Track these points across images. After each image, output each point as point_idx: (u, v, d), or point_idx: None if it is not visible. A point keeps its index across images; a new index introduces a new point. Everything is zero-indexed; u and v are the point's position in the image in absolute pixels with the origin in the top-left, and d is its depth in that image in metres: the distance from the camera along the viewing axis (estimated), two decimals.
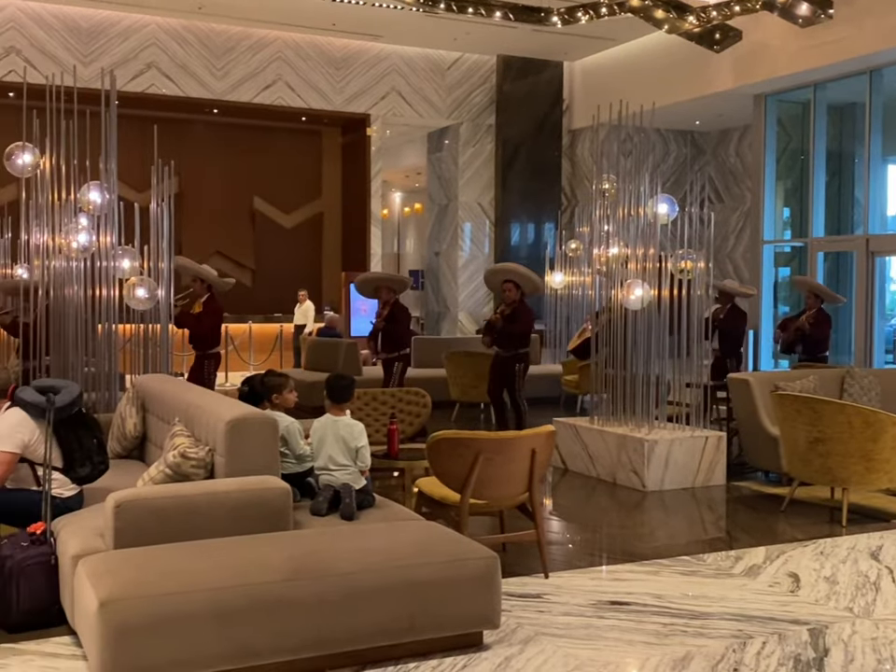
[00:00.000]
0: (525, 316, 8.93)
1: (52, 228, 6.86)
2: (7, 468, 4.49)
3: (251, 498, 4.15)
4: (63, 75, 6.65)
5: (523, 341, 8.93)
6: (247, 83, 15.61)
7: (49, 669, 3.74)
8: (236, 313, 15.15)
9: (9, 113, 13.72)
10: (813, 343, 9.46)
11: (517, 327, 8.80)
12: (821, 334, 9.48)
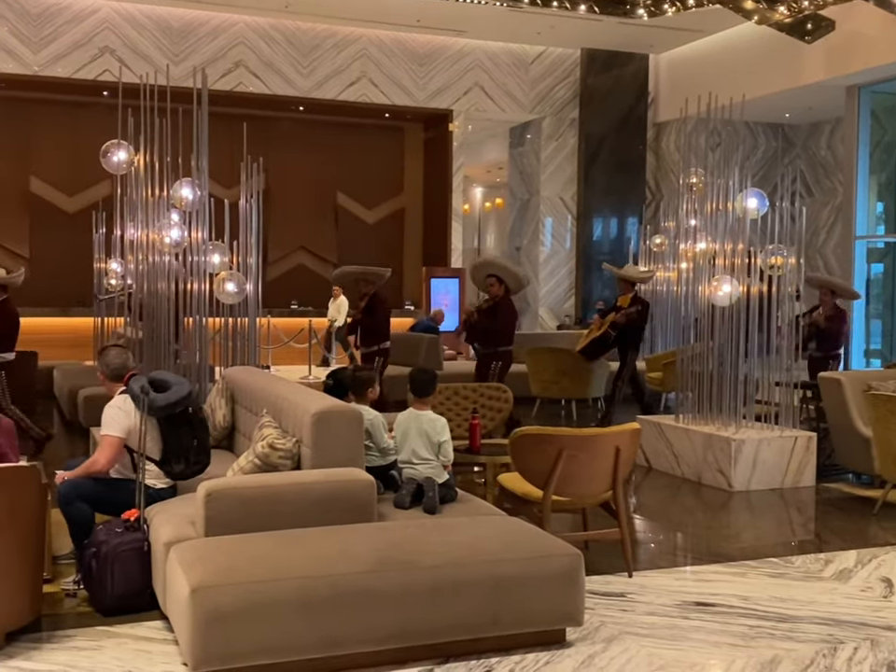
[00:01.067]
0: (506, 313, 8.68)
1: (146, 224, 7.05)
2: (115, 451, 4.64)
3: (337, 490, 4.20)
4: (156, 74, 6.82)
5: (503, 338, 8.66)
6: (332, 80, 15.79)
7: (142, 652, 3.86)
8: (319, 307, 15.38)
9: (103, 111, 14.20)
10: (827, 338, 9.22)
11: (495, 323, 8.54)
12: (836, 330, 9.24)
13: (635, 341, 9.68)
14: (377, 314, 9.16)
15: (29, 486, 3.95)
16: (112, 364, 4.86)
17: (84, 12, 14.48)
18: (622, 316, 9.41)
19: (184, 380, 4.94)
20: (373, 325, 9.17)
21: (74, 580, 4.45)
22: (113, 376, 4.85)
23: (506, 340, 8.70)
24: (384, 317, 9.27)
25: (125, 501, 4.54)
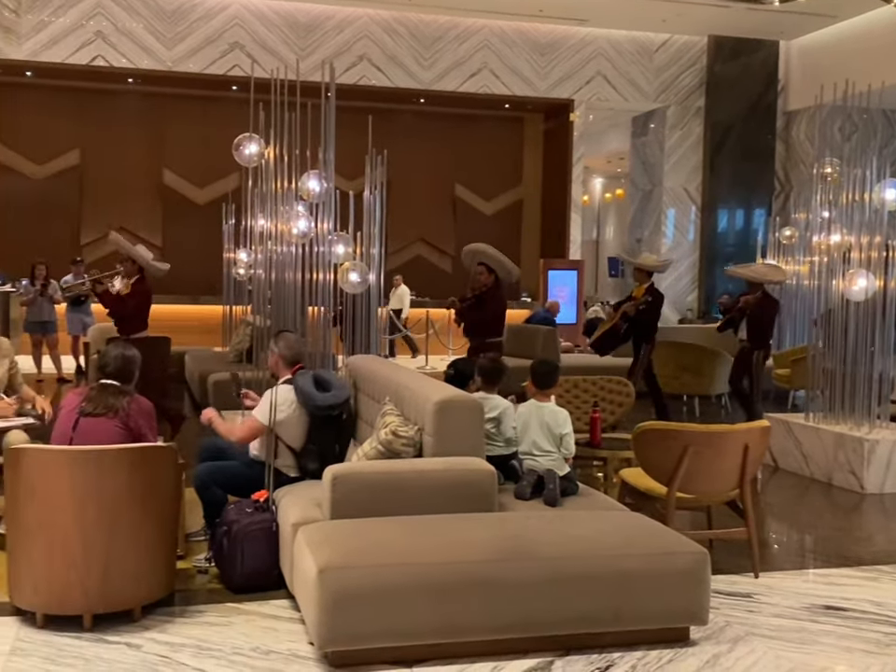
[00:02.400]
0: (493, 303, 8.26)
1: (274, 215, 7.23)
2: (252, 434, 4.84)
3: (458, 478, 4.23)
4: (286, 69, 6.98)
5: (490, 329, 8.27)
6: (453, 72, 15.86)
7: (270, 630, 3.98)
8: (437, 298, 15.48)
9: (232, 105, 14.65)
10: None
11: (481, 314, 8.19)
12: None
13: (647, 334, 9.13)
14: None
15: (166, 465, 4.12)
16: (293, 349, 5.05)
17: (215, 9, 14.95)
18: (631, 307, 8.99)
19: (345, 384, 5.09)
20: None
21: (205, 557, 4.62)
22: (288, 362, 5.01)
23: (494, 331, 8.33)
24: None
25: (256, 485, 4.68)
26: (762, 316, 8.96)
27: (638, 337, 9.15)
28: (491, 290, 8.20)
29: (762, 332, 9.03)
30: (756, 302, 8.92)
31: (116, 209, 16.32)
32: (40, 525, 3.85)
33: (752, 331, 9.03)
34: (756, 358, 8.93)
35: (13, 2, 14.19)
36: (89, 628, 3.87)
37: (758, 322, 8.99)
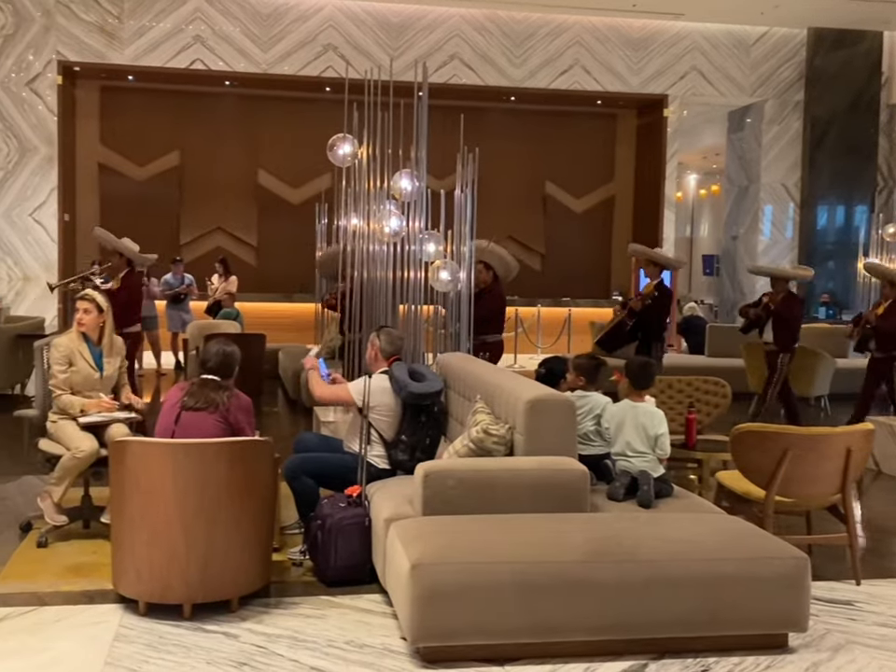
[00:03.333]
0: (491, 301, 8.09)
1: (366, 214, 7.31)
2: (335, 399, 5.15)
3: (550, 478, 4.21)
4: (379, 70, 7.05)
5: (490, 327, 8.12)
6: (545, 69, 15.77)
7: (362, 623, 4.03)
8: (526, 296, 15.45)
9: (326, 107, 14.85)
10: (884, 337, 8.42)
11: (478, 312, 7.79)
12: (892, 327, 8.37)
13: (656, 331, 8.74)
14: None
15: (264, 459, 4.21)
16: (393, 344, 5.17)
17: (309, 11, 15.18)
18: (636, 302, 8.66)
19: (438, 377, 5.16)
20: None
21: (300, 550, 4.70)
22: (385, 354, 5.11)
23: (493, 328, 8.22)
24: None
25: (347, 478, 4.75)
26: (787, 317, 8.62)
27: (647, 335, 8.75)
28: (489, 288, 8.13)
29: (788, 334, 8.69)
30: (782, 302, 8.62)
31: (213, 209, 16.74)
32: (143, 516, 3.98)
33: (778, 333, 8.71)
34: (781, 362, 8.63)
35: (116, 8, 14.67)
36: (188, 617, 3.98)
37: (783, 323, 8.65)
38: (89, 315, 5.26)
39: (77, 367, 5.17)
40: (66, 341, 5.22)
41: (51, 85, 14.64)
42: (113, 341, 5.40)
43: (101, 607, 4.13)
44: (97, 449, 4.99)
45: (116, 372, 5.36)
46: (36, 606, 4.13)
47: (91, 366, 5.23)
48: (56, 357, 5.15)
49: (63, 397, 5.12)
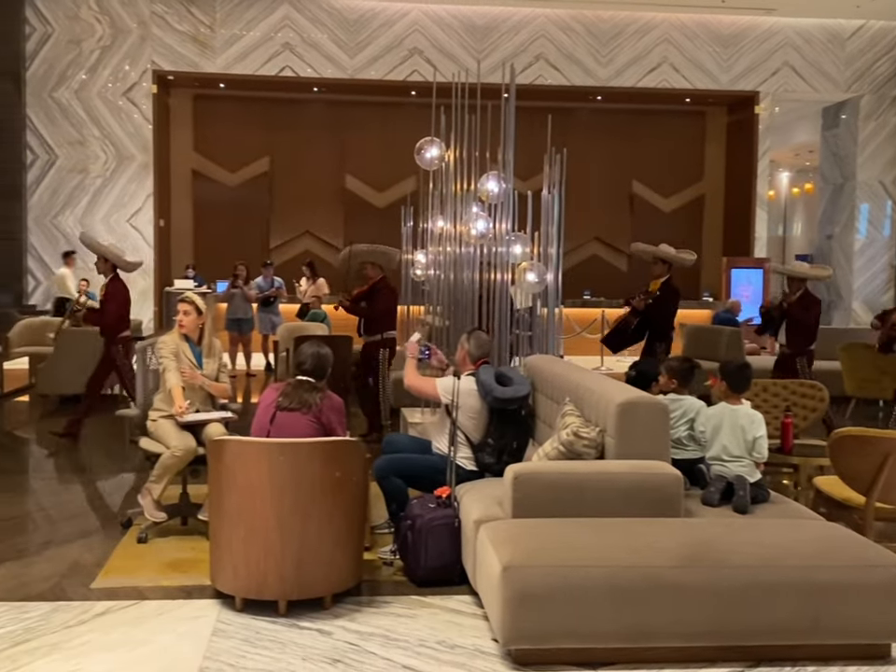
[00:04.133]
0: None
1: (453, 216, 7.34)
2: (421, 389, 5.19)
3: (642, 482, 4.16)
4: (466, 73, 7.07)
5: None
6: (632, 68, 15.62)
7: (454, 624, 4.04)
8: (612, 297, 15.29)
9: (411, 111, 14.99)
10: None
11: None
12: None
13: (660, 331, 8.41)
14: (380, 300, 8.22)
15: (355, 459, 4.27)
16: (482, 348, 5.19)
17: (395, 16, 15.33)
18: (640, 301, 8.42)
19: (526, 381, 5.14)
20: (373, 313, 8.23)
21: (390, 549, 4.75)
22: (473, 358, 5.14)
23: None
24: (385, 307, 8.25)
25: (435, 478, 4.78)
26: (801, 318, 8.31)
27: (652, 334, 8.51)
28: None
29: (804, 336, 8.38)
30: (797, 303, 8.30)
31: (301, 213, 17.03)
32: (240, 513, 4.07)
33: (793, 335, 8.40)
34: (799, 365, 8.33)
35: (208, 18, 15.05)
36: (283, 613, 4.06)
37: (799, 324, 8.35)
38: (188, 317, 5.42)
39: (182, 364, 5.33)
40: (170, 339, 5.40)
41: (147, 94, 15.11)
42: (212, 342, 5.54)
43: (199, 602, 4.24)
44: (195, 447, 5.13)
45: (215, 373, 5.50)
46: (138, 600, 4.26)
47: (193, 365, 5.38)
48: (164, 352, 5.33)
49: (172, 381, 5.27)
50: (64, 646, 3.75)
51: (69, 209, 15.00)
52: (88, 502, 6.28)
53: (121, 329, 8.02)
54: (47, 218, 14.97)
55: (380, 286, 8.23)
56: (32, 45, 14.70)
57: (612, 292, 15.48)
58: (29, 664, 3.59)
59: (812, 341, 8.43)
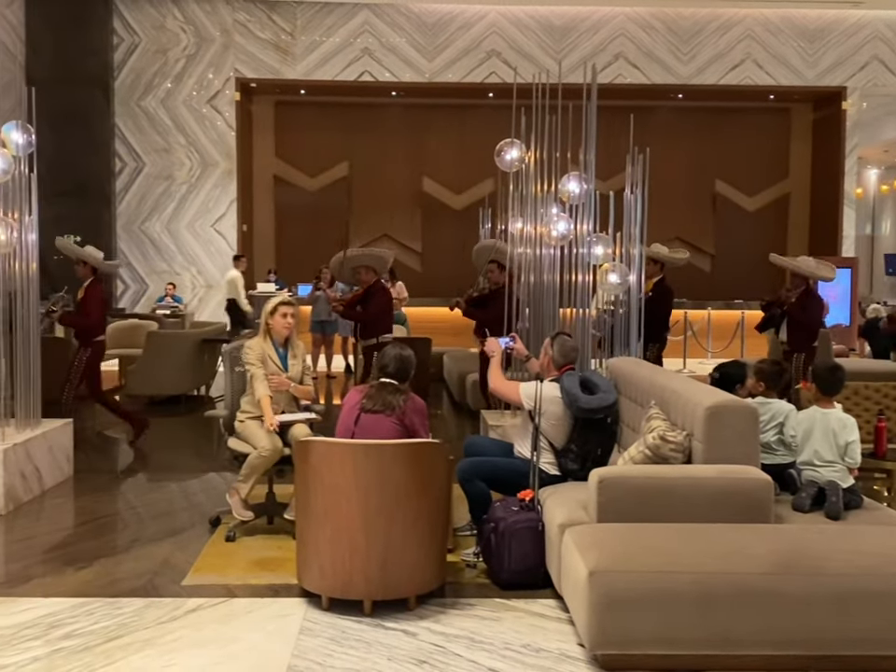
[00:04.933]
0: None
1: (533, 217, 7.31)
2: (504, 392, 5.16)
3: (731, 487, 4.09)
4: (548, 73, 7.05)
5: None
6: (714, 65, 15.37)
7: (538, 628, 4.02)
8: (695, 299, 15.05)
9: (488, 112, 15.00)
10: None
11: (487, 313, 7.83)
12: None
13: (654, 332, 8.07)
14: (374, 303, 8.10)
15: (438, 461, 4.28)
16: (566, 356, 5.10)
17: (473, 18, 15.36)
18: None
19: (612, 388, 5.07)
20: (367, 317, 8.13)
21: (473, 552, 4.74)
22: (558, 365, 5.09)
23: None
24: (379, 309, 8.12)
25: (518, 482, 4.76)
26: (800, 318, 8.06)
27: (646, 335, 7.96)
28: (502, 290, 7.80)
29: (803, 334, 8.11)
30: (797, 300, 8.05)
31: (380, 217, 17.19)
32: (326, 513, 4.12)
33: (793, 333, 8.14)
34: (796, 364, 8.01)
35: (289, 25, 15.30)
36: (369, 613, 4.09)
37: (799, 322, 8.09)
38: (293, 320, 5.51)
39: (268, 369, 5.42)
40: (256, 343, 5.48)
41: (230, 101, 15.43)
42: (297, 343, 5.63)
43: (286, 600, 4.30)
44: (281, 448, 5.21)
45: (300, 375, 5.57)
46: (227, 597, 4.34)
47: (278, 366, 5.47)
48: (251, 356, 5.42)
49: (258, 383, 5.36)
50: (157, 642, 3.84)
51: (156, 215, 15.41)
52: (176, 501, 6.43)
53: (98, 332, 7.98)
54: (135, 224, 15.40)
55: (374, 289, 8.15)
56: (120, 55, 15.14)
57: (695, 293, 15.23)
58: (123, 658, 3.69)
59: (813, 339, 8.22)
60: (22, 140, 6.28)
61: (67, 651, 3.73)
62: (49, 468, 6.41)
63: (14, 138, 6.23)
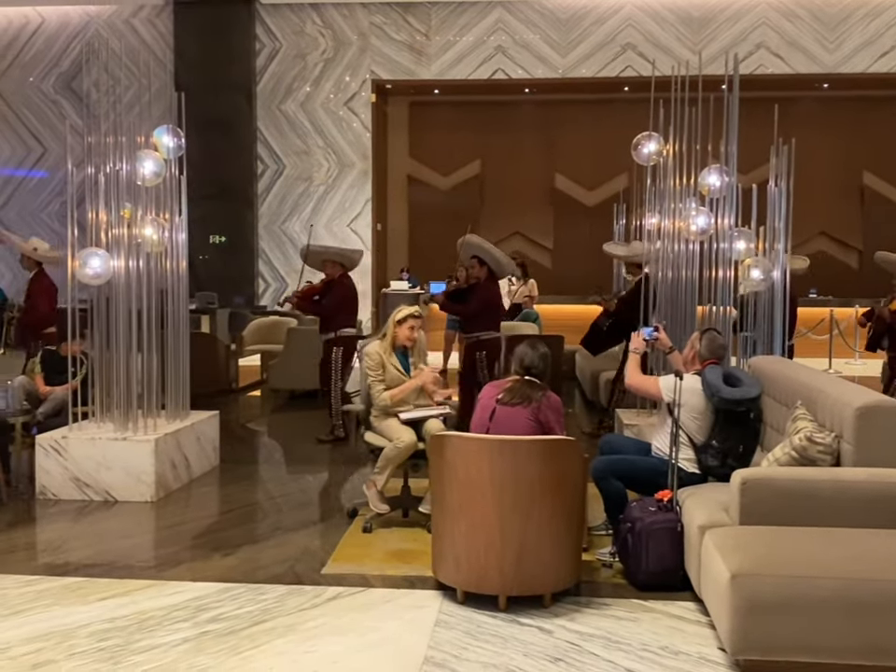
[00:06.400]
0: (481, 296, 7.93)
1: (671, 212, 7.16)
2: (644, 388, 5.09)
3: (883, 491, 3.91)
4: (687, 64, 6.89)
5: (481, 324, 7.82)
6: (861, 52, 14.66)
7: (676, 630, 3.94)
8: (841, 296, 14.43)
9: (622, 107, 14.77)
10: None
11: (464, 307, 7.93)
12: None
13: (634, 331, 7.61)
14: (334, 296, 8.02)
15: (573, 458, 4.24)
16: (714, 351, 5.01)
17: (608, 12, 15.15)
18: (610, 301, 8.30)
19: (756, 382, 4.95)
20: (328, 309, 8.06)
21: (609, 551, 4.69)
22: (703, 358, 5.00)
23: (486, 326, 7.81)
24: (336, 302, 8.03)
25: (655, 481, 4.68)
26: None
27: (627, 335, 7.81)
28: (480, 284, 7.99)
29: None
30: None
31: (511, 214, 17.19)
32: (461, 507, 4.14)
33: None
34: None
35: (424, 26, 15.46)
36: (504, 609, 4.10)
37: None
38: (417, 335, 5.59)
39: (388, 374, 5.48)
40: (375, 351, 5.53)
41: (365, 103, 15.72)
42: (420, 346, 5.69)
43: (421, 592, 4.36)
44: (416, 441, 5.28)
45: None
46: (365, 587, 4.43)
47: (400, 371, 5.53)
48: (370, 364, 5.50)
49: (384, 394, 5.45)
50: (299, 628, 3.96)
51: (295, 215, 15.85)
52: (313, 492, 6.62)
53: (47, 325, 7.89)
54: (275, 225, 15.88)
55: (336, 282, 8.12)
56: (262, 60, 15.64)
57: (841, 290, 14.61)
58: (267, 643, 3.81)
59: None
60: (173, 144, 6.57)
61: (214, 634, 3.88)
62: (196, 457, 6.69)
63: (165, 142, 6.53)
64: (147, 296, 6.41)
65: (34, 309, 7.86)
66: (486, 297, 8.04)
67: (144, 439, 6.06)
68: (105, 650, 3.72)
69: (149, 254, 6.45)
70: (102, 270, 6.12)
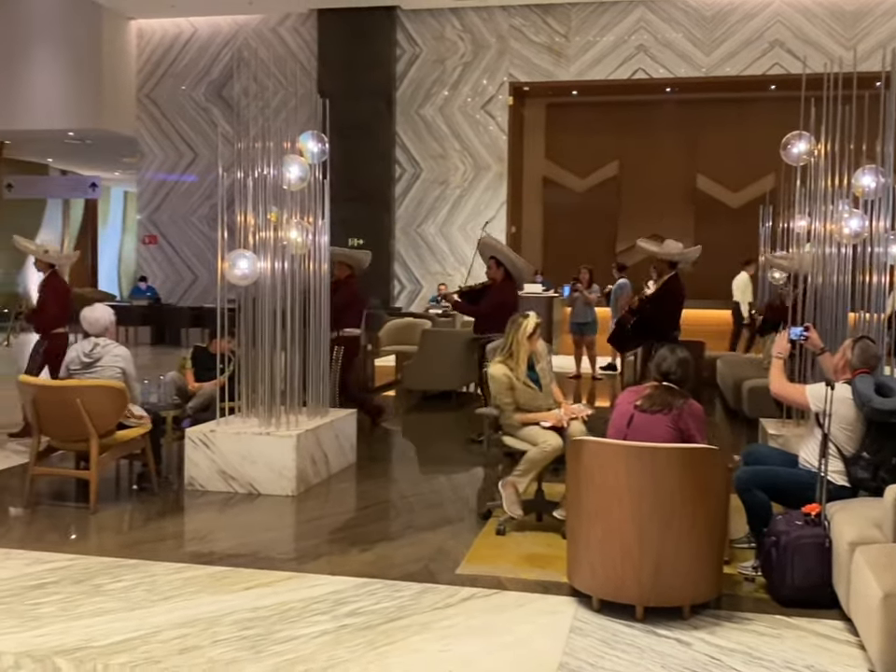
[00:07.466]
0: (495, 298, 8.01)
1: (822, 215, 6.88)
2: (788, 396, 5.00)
3: None
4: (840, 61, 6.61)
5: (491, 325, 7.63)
6: None
7: (822, 649, 3.77)
8: None
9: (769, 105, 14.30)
10: None
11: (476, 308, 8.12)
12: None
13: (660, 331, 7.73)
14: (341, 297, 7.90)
15: (715, 468, 4.12)
16: (866, 362, 4.76)
17: (755, 9, 14.71)
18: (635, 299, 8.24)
19: None
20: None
21: (752, 565, 4.53)
22: (853, 366, 4.78)
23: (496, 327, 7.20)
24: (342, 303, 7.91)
25: (801, 494, 4.50)
26: None
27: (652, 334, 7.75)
28: (496, 286, 8.12)
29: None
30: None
31: (649, 216, 16.89)
32: (597, 513, 4.09)
33: None
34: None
35: (563, 27, 15.39)
36: (640, 619, 4.02)
37: None
38: None
39: (517, 391, 5.43)
40: (503, 374, 5.43)
41: (502, 106, 15.77)
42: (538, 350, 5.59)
43: (555, 598, 4.32)
44: (562, 445, 5.20)
45: (549, 378, 5.58)
46: (498, 589, 4.43)
47: (530, 387, 5.47)
48: (498, 389, 5.44)
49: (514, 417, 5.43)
50: (434, 626, 3.99)
51: (431, 218, 16.05)
52: (445, 492, 6.67)
53: (57, 325, 7.91)
54: (411, 227, 16.12)
55: (342, 283, 8.20)
56: (401, 66, 15.91)
57: None
58: (403, 640, 3.85)
59: None
60: (317, 149, 6.75)
61: (352, 628, 3.96)
62: (335, 454, 6.85)
63: (310, 147, 6.72)
64: (291, 296, 6.60)
65: (44, 310, 8.01)
66: (500, 299, 8.09)
67: (286, 434, 6.25)
68: (248, 638, 3.85)
69: (294, 256, 6.65)
70: (249, 271, 6.34)
